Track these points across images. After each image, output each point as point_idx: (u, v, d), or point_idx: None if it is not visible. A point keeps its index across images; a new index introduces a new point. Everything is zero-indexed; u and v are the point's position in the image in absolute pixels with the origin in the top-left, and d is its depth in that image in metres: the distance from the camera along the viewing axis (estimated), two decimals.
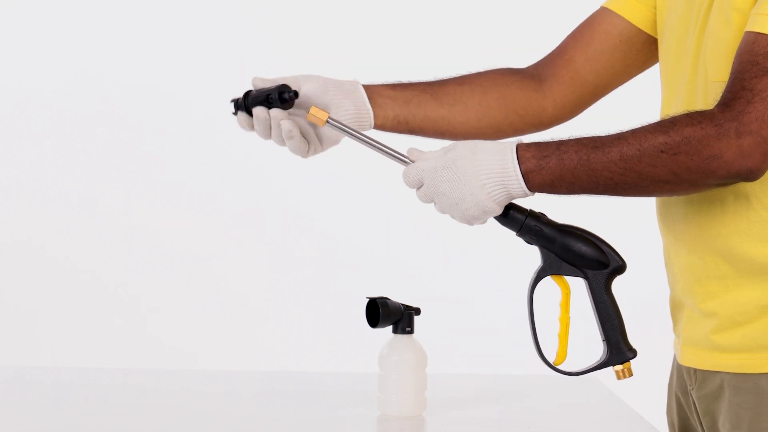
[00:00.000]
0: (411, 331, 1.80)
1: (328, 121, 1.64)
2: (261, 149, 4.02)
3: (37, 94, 3.99)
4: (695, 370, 1.66)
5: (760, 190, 1.55)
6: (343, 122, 1.67)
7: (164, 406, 1.88)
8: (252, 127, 1.69)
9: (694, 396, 1.67)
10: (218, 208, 4.02)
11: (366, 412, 1.81)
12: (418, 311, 1.81)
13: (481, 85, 1.79)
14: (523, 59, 1.88)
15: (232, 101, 1.70)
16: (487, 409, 1.86)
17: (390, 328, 1.80)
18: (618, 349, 1.62)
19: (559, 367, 1.64)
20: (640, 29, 1.76)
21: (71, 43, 4.00)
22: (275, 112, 1.66)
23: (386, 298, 1.79)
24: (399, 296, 1.86)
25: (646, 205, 1.76)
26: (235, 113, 1.70)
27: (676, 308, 1.70)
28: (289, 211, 4.04)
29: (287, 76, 1.70)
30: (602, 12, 1.79)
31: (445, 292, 3.96)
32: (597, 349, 1.65)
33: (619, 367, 1.62)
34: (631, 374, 1.63)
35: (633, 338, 1.64)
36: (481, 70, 1.82)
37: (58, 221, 4.00)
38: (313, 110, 1.63)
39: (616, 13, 1.77)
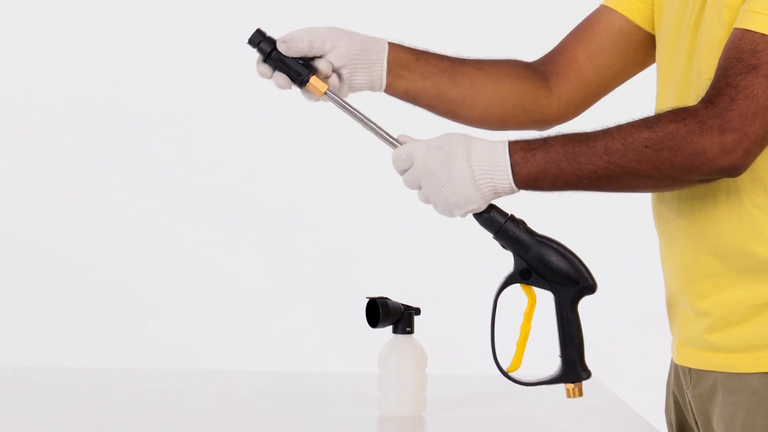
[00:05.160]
0: (411, 331, 1.80)
1: (326, 93, 1.67)
2: (262, 148, 4.04)
3: (37, 92, 3.99)
4: (690, 370, 1.66)
5: (752, 187, 1.55)
6: (341, 96, 1.69)
7: (164, 406, 1.88)
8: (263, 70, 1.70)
9: (689, 395, 1.68)
10: (218, 207, 4.02)
11: (366, 412, 1.81)
12: (418, 311, 1.81)
13: (497, 73, 1.79)
14: (526, 54, 1.88)
15: (259, 34, 1.69)
16: (487, 409, 1.86)
17: (390, 328, 1.80)
18: (572, 368, 1.60)
19: (511, 374, 1.61)
20: (639, 26, 1.76)
21: (71, 41, 3.99)
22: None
23: (386, 298, 1.79)
24: (399, 296, 1.86)
25: (647, 203, 1.76)
26: (252, 46, 1.71)
27: (671, 307, 1.71)
28: (290, 210, 4.03)
29: (323, 28, 1.70)
30: (602, 10, 1.79)
31: (445, 292, 3.96)
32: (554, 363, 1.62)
33: (570, 385, 1.60)
34: (581, 394, 1.60)
35: (633, 339, 1.63)
36: (495, 57, 1.82)
37: (59, 220, 4.00)
38: (312, 80, 1.67)
39: (616, 11, 1.77)
